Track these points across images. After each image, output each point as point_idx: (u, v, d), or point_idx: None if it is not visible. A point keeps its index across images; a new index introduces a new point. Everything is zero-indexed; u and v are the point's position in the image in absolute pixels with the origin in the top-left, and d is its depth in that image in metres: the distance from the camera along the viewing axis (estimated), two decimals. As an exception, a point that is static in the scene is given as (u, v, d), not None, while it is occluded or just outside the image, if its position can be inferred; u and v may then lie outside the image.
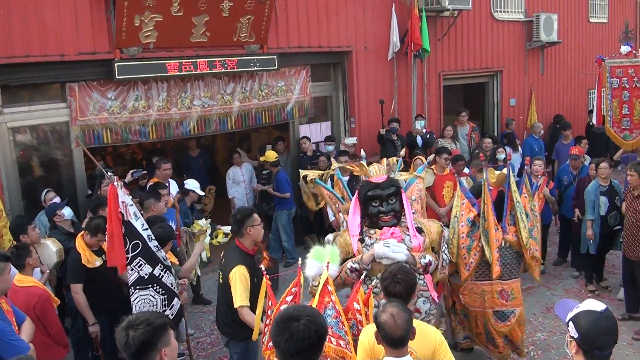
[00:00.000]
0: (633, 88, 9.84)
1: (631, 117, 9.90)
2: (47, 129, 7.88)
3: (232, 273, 4.83)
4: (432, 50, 11.31)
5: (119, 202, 4.76)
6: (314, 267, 4.22)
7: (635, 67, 9.81)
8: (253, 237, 5.06)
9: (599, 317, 2.85)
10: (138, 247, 4.84)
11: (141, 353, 2.74)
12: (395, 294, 3.76)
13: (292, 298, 3.86)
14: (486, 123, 13.60)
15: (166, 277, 5.07)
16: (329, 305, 3.71)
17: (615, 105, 10.07)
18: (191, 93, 8.78)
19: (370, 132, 10.62)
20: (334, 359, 3.49)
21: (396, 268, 3.97)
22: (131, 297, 4.90)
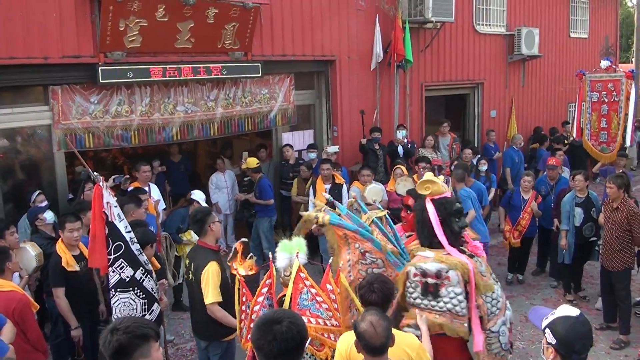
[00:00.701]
0: (611, 102, 10.03)
1: (609, 130, 10.08)
2: (29, 132, 7.82)
3: (205, 271, 4.96)
4: (415, 61, 11.41)
5: (104, 203, 4.75)
6: (284, 258, 4.36)
7: (615, 82, 9.99)
8: (215, 234, 5.27)
9: (576, 323, 2.93)
10: (120, 249, 4.84)
11: (116, 358, 2.70)
12: (372, 302, 3.78)
13: (267, 289, 4.09)
14: (467, 134, 13.72)
15: (147, 282, 5.06)
16: (304, 291, 4.03)
17: (594, 118, 10.25)
18: (174, 99, 8.76)
19: (353, 141, 10.67)
20: (315, 337, 3.91)
21: (373, 277, 3.97)
22: (111, 299, 4.88)
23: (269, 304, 4.13)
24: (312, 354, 4.04)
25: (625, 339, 7.11)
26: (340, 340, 3.82)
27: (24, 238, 6.47)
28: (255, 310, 4.07)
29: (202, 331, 5.30)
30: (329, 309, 4.03)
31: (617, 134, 9.98)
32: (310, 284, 4.10)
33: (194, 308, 5.34)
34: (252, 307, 4.08)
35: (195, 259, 5.22)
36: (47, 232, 6.54)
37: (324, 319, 4.00)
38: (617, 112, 9.97)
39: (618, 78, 10.01)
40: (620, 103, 9.98)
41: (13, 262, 5.21)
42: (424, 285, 4.25)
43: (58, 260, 5.57)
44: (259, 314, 4.02)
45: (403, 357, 3.64)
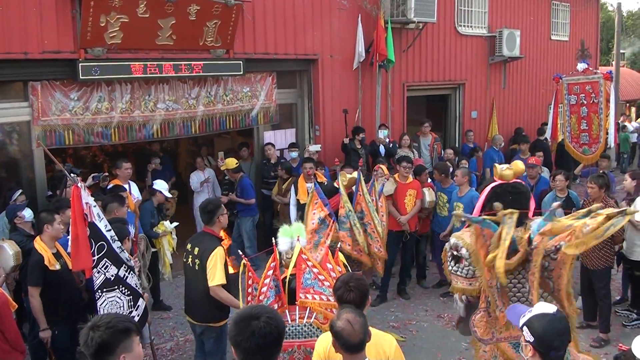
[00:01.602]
0: (591, 104, 10.13)
1: (589, 132, 10.18)
2: (8, 128, 7.72)
3: (212, 255, 5.22)
4: (397, 62, 11.44)
5: (83, 204, 4.69)
6: (286, 242, 4.68)
7: (593, 84, 10.10)
8: (222, 224, 5.59)
9: (553, 319, 2.96)
10: (103, 249, 4.81)
11: (99, 355, 2.70)
12: (349, 301, 3.75)
13: (272, 272, 4.42)
14: (448, 134, 13.79)
15: (130, 278, 5.05)
16: (306, 270, 4.44)
17: (574, 121, 10.34)
18: (155, 96, 8.69)
19: (335, 141, 10.67)
20: (320, 312, 4.30)
21: (348, 276, 3.96)
22: (97, 300, 4.83)
23: (274, 285, 4.41)
24: (318, 327, 4.31)
25: (605, 337, 7.18)
26: (319, 342, 3.82)
27: (1, 236, 6.38)
28: (263, 292, 4.35)
29: (199, 314, 5.44)
30: (331, 285, 4.30)
31: (598, 135, 10.09)
32: (312, 264, 4.51)
33: (192, 291, 5.50)
34: (259, 288, 4.35)
35: (200, 244, 5.41)
36: (26, 229, 6.45)
37: (327, 296, 4.35)
38: (597, 114, 10.08)
39: (596, 80, 10.11)
40: (600, 104, 10.09)
41: (-10, 261, 5.14)
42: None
43: (39, 259, 5.44)
44: (266, 295, 4.36)
45: (381, 356, 3.64)
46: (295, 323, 4.39)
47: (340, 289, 3.82)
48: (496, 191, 4.59)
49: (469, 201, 8.19)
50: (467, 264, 4.45)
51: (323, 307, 4.35)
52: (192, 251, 5.45)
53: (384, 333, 3.90)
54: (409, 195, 8.53)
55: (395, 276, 8.94)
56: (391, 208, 8.48)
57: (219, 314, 5.42)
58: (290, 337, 4.32)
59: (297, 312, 4.41)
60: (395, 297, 8.71)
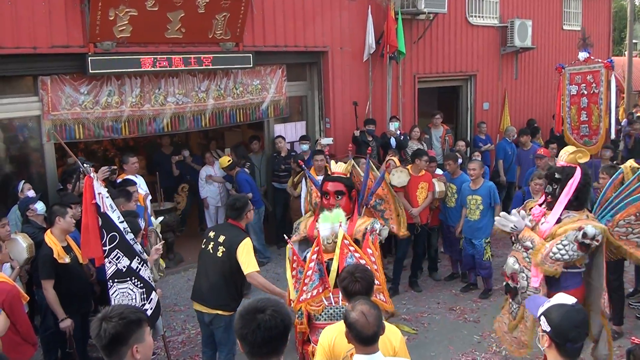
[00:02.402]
0: (591, 94, 9.97)
1: (589, 123, 10.03)
2: (18, 123, 7.75)
3: (243, 244, 5.34)
4: (408, 53, 11.37)
5: (95, 194, 4.69)
6: (327, 228, 4.96)
7: (594, 73, 9.94)
8: (248, 219, 5.76)
9: (570, 311, 2.92)
10: (115, 240, 4.82)
11: (112, 346, 2.71)
12: (355, 292, 3.75)
13: (316, 256, 4.69)
14: (459, 126, 13.70)
15: (144, 271, 5.05)
16: (348, 255, 4.75)
17: (574, 112, 10.20)
18: (165, 89, 8.69)
19: (345, 133, 10.62)
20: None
21: (353, 267, 3.98)
22: (109, 290, 4.85)
23: (318, 269, 4.69)
24: None
25: (619, 329, 7.10)
26: (323, 335, 3.82)
27: (15, 229, 6.40)
28: (309, 275, 4.64)
29: (211, 300, 5.47)
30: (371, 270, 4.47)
31: (598, 126, 9.93)
32: (354, 249, 4.82)
33: (208, 277, 5.52)
34: (305, 272, 4.64)
35: (227, 232, 5.52)
36: (38, 222, 6.48)
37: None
38: (597, 104, 9.91)
39: (597, 69, 9.95)
40: (600, 94, 9.93)
41: (3, 253, 5.17)
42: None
43: (49, 252, 5.49)
44: (312, 278, 4.65)
45: (387, 346, 3.64)
46: (339, 305, 4.66)
47: (346, 279, 3.82)
48: (587, 174, 5.34)
49: (487, 192, 8.14)
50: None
51: None
52: (216, 239, 5.49)
53: (391, 325, 3.89)
54: (420, 187, 8.49)
55: (407, 268, 8.90)
56: (403, 200, 8.43)
57: (231, 303, 5.45)
58: (335, 318, 4.60)
59: (340, 295, 4.54)
60: (407, 289, 8.67)
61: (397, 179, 8.36)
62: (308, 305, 4.65)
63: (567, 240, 5.07)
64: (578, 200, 5.34)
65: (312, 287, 4.67)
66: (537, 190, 7.76)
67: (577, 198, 5.33)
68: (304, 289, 4.64)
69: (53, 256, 5.46)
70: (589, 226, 4.98)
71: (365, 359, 3.19)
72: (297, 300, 4.66)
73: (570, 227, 5.17)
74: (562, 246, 5.08)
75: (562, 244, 5.09)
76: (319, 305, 4.69)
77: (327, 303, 4.70)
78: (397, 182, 8.33)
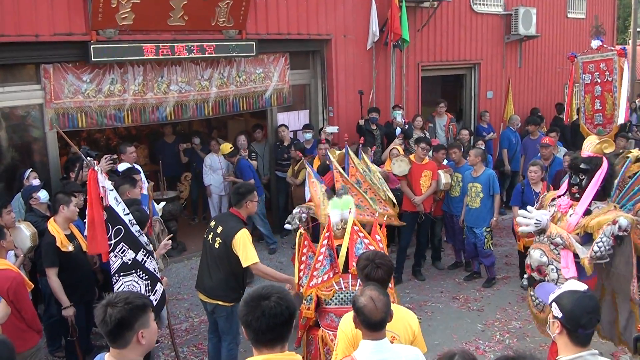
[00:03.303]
0: (605, 82, 9.89)
1: (603, 112, 9.95)
2: (21, 112, 7.73)
3: (239, 236, 5.25)
4: (412, 41, 11.30)
5: (100, 187, 4.66)
6: (337, 214, 4.99)
7: (607, 61, 9.85)
8: (249, 210, 5.61)
9: (582, 297, 2.91)
10: (121, 233, 4.78)
11: (117, 331, 2.73)
12: (377, 279, 3.74)
13: (327, 241, 4.77)
14: (463, 115, 13.64)
15: (149, 262, 5.03)
16: (358, 241, 4.86)
17: (588, 101, 10.13)
18: (168, 78, 8.65)
19: (349, 122, 10.59)
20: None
21: (372, 254, 3.96)
22: (115, 285, 4.80)
23: (329, 254, 4.77)
24: None
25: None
26: (344, 322, 3.81)
27: (18, 217, 6.39)
28: (320, 260, 4.71)
29: (210, 291, 5.48)
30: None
31: (612, 115, 9.87)
32: (364, 235, 4.95)
33: (207, 268, 5.52)
34: (315, 257, 4.72)
35: (224, 223, 5.45)
36: (41, 210, 6.48)
37: None
38: (611, 93, 9.84)
39: (610, 57, 9.88)
40: (614, 82, 9.87)
41: (8, 241, 5.15)
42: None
43: (52, 240, 5.49)
44: (323, 263, 4.72)
45: (408, 331, 3.67)
46: (349, 290, 4.70)
47: (367, 267, 3.81)
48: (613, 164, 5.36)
49: (486, 180, 8.11)
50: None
51: None
52: (215, 229, 5.48)
53: (408, 310, 3.93)
54: (424, 176, 8.45)
55: (410, 257, 8.89)
56: (406, 189, 8.41)
57: (231, 294, 5.42)
58: (346, 302, 4.62)
59: (350, 280, 4.74)
60: (410, 278, 8.67)
61: (398, 167, 8.34)
62: (319, 290, 4.68)
63: (605, 236, 5.05)
64: (605, 190, 5.34)
65: (323, 272, 4.74)
66: (534, 179, 7.77)
67: (604, 189, 5.33)
68: (314, 274, 4.70)
69: (56, 244, 5.45)
70: (622, 218, 4.99)
71: (372, 344, 3.18)
72: (307, 286, 4.71)
73: (604, 220, 5.13)
74: (602, 244, 5.06)
75: (602, 242, 5.06)
76: (329, 290, 4.71)
77: (338, 288, 4.74)
78: (398, 171, 8.32)
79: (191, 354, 6.64)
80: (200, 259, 5.80)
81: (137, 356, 2.85)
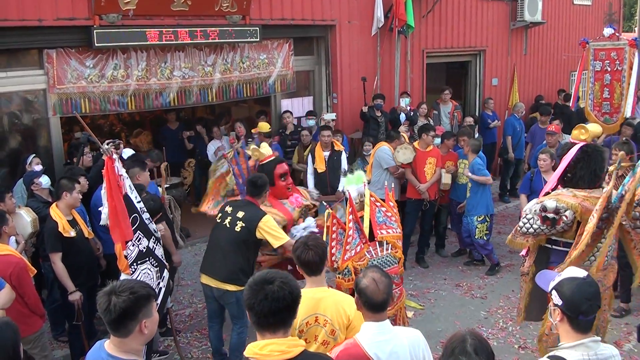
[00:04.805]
0: (614, 71, 9.87)
1: (611, 100, 9.94)
2: (24, 97, 7.71)
3: (265, 220, 5.41)
4: (416, 27, 11.22)
5: (118, 176, 4.62)
6: (354, 189, 5.23)
7: (618, 50, 9.83)
8: (266, 200, 5.79)
9: (582, 283, 2.90)
10: (137, 221, 4.77)
11: (121, 321, 2.71)
12: (309, 260, 3.76)
13: (352, 216, 4.89)
14: (468, 102, 13.58)
15: (158, 249, 5.04)
16: (376, 210, 5.16)
17: (597, 88, 10.10)
18: (171, 63, 8.61)
19: (353, 108, 10.54)
20: (392, 242, 5.01)
21: (306, 238, 3.98)
22: (133, 274, 4.73)
23: (356, 227, 4.90)
24: (393, 256, 5.03)
25: (626, 306, 7.08)
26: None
27: (20, 203, 6.39)
28: (350, 234, 4.84)
29: (223, 274, 5.48)
30: (397, 220, 5.23)
31: (620, 104, 9.84)
32: (380, 204, 5.27)
33: (221, 251, 5.53)
34: (346, 232, 4.83)
35: (245, 209, 5.53)
36: (43, 196, 6.45)
37: (394, 229, 5.12)
38: (620, 82, 9.83)
39: (621, 46, 9.84)
40: (623, 72, 9.83)
41: (10, 226, 5.14)
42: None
43: (54, 226, 5.47)
44: (353, 237, 4.85)
45: (342, 316, 3.69)
46: (379, 256, 4.94)
47: (299, 249, 3.82)
48: (586, 150, 4.99)
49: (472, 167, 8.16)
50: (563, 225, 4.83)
51: (395, 238, 5.06)
52: (234, 214, 5.49)
53: (347, 295, 3.97)
54: (428, 163, 8.43)
55: (414, 245, 8.88)
56: (410, 176, 8.40)
57: (243, 278, 5.35)
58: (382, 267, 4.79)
59: (378, 247, 4.97)
60: (414, 265, 8.66)
61: (402, 155, 8.32)
62: (354, 262, 4.79)
63: (530, 214, 4.97)
64: (575, 177, 5.07)
65: (355, 245, 4.87)
66: (544, 167, 7.63)
67: (574, 175, 5.08)
68: (347, 248, 4.81)
69: (58, 230, 5.44)
70: (550, 200, 4.85)
71: (374, 325, 3.19)
72: (342, 260, 4.78)
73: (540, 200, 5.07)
74: (526, 220, 4.99)
75: (526, 218, 5.00)
76: (362, 260, 4.84)
77: (369, 256, 4.89)
78: (403, 159, 8.30)
79: (194, 340, 6.67)
80: (208, 245, 5.78)
81: (138, 345, 2.84)
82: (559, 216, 4.78)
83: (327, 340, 3.66)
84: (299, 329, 3.67)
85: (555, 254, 5.07)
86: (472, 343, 2.49)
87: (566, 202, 4.79)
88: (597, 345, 2.89)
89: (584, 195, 4.92)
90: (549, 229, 4.86)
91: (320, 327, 3.69)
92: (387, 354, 3.13)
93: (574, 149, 5.05)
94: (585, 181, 5.01)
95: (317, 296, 3.74)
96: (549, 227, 4.85)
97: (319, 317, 3.69)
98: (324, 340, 3.68)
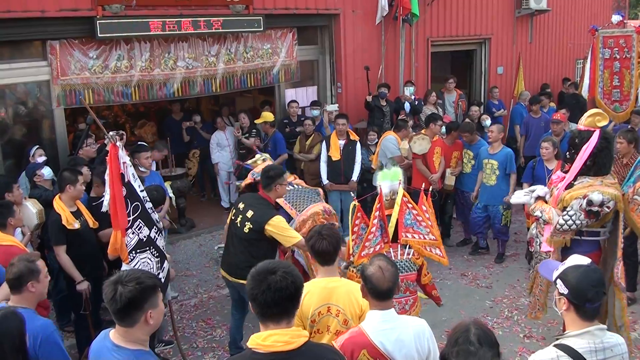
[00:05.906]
0: (623, 59, 9.80)
1: (621, 88, 9.88)
2: (28, 88, 7.71)
3: (274, 222, 5.18)
4: (421, 16, 11.13)
5: (120, 163, 4.63)
6: (387, 185, 5.04)
7: (626, 37, 9.76)
8: (278, 193, 5.50)
9: (587, 270, 2.90)
10: (138, 210, 4.80)
11: (126, 311, 2.72)
12: (323, 250, 3.79)
13: (378, 213, 4.85)
14: (473, 91, 13.51)
15: (159, 240, 5.05)
16: (407, 212, 4.99)
17: (607, 76, 10.03)
18: (175, 54, 8.59)
19: (357, 98, 10.50)
20: (416, 248, 4.91)
21: (320, 226, 4.02)
22: (131, 262, 4.79)
23: (380, 224, 4.86)
24: (414, 262, 4.94)
25: (632, 296, 7.05)
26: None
27: (24, 194, 6.39)
28: (372, 232, 4.80)
29: (235, 271, 5.44)
30: (427, 226, 5.02)
31: (629, 92, 9.78)
32: (412, 206, 5.06)
33: (234, 250, 5.50)
34: (369, 228, 4.80)
35: (254, 207, 5.36)
36: (45, 187, 6.46)
37: (423, 235, 4.98)
38: (629, 69, 9.77)
39: (629, 34, 9.78)
40: (632, 60, 9.77)
41: (16, 218, 5.16)
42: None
43: (57, 218, 5.47)
44: (375, 234, 4.82)
45: (354, 305, 3.72)
46: (397, 259, 4.84)
47: (313, 238, 3.86)
48: (606, 138, 5.05)
49: (504, 158, 8.03)
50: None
51: (420, 244, 4.94)
52: (245, 212, 5.35)
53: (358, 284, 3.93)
54: (436, 152, 8.45)
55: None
56: (422, 167, 8.41)
57: None
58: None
59: (399, 249, 4.89)
60: (419, 255, 8.64)
61: (419, 146, 8.33)
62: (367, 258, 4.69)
63: (572, 210, 4.95)
64: (596, 165, 5.10)
65: (375, 243, 4.83)
66: (546, 155, 7.54)
67: (595, 163, 5.10)
68: (365, 245, 4.77)
69: (61, 222, 5.44)
70: (595, 193, 4.83)
71: (380, 314, 3.21)
72: (358, 255, 4.77)
73: (577, 194, 5.01)
74: (568, 217, 4.97)
75: (568, 215, 4.97)
76: None
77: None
78: (419, 150, 8.31)
79: (200, 329, 6.68)
80: (226, 239, 5.76)
81: (144, 335, 2.85)
82: (601, 208, 4.84)
83: (340, 330, 3.65)
84: (311, 318, 3.68)
85: (585, 244, 5.12)
86: (476, 332, 2.49)
87: (610, 193, 4.85)
88: (604, 333, 2.89)
89: (610, 182, 4.97)
90: (592, 222, 4.93)
91: (333, 317, 3.69)
92: (392, 342, 3.14)
93: (594, 137, 5.03)
94: (606, 168, 5.08)
95: (329, 286, 3.75)
96: (592, 220, 4.91)
97: (331, 307, 3.70)
98: (337, 330, 3.67)
